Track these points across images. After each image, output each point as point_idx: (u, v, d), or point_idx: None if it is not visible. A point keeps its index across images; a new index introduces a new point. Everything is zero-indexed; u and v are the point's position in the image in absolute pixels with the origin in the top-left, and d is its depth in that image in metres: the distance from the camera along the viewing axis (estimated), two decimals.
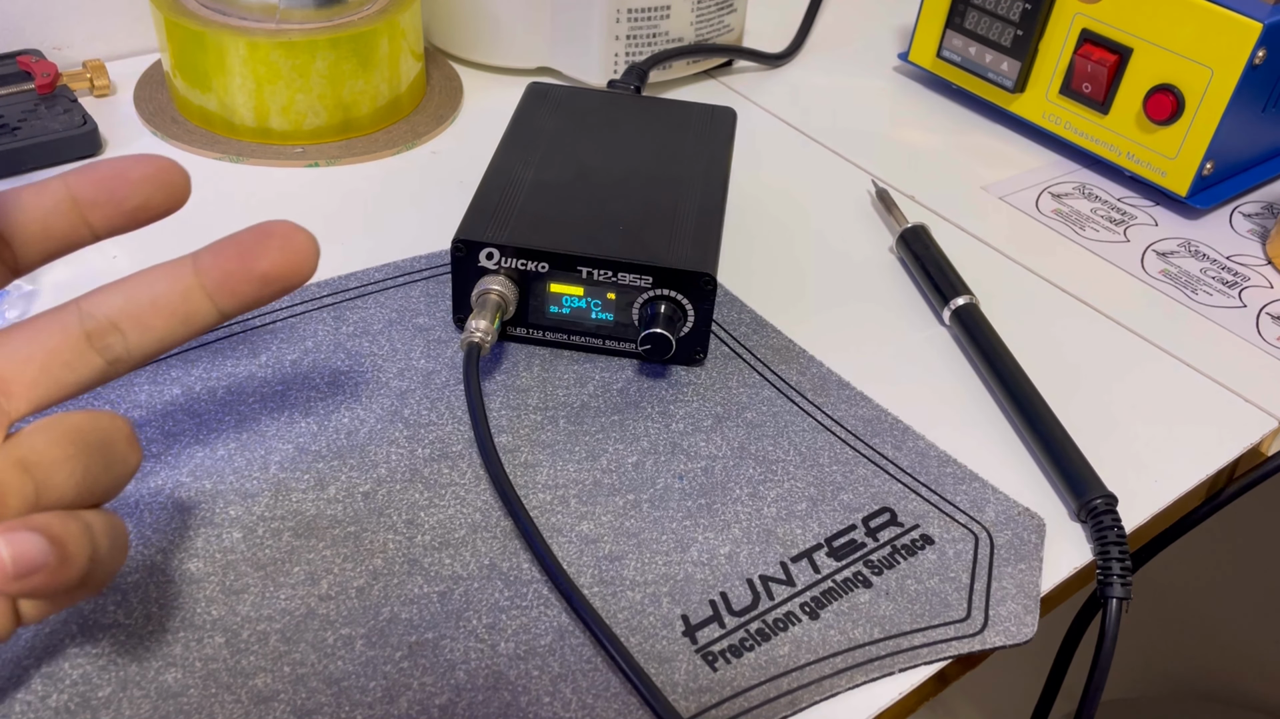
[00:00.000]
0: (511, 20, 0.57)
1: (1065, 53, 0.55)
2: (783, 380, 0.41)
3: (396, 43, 0.52)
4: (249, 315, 0.41)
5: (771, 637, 0.32)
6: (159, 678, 0.29)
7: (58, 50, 0.55)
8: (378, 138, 0.53)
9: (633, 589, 0.33)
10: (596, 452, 0.37)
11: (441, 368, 0.40)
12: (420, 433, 0.37)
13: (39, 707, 0.28)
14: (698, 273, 0.38)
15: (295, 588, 0.32)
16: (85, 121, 0.49)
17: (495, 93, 0.58)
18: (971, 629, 0.32)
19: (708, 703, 0.30)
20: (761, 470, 0.37)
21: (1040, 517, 0.36)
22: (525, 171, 0.42)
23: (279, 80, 0.49)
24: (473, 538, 0.34)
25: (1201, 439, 0.41)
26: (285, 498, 0.34)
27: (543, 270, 0.39)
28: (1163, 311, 0.47)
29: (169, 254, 0.44)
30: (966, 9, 0.57)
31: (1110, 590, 0.34)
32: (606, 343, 0.41)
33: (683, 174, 0.44)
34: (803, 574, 0.34)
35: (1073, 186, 0.56)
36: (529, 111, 0.47)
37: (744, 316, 0.44)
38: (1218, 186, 0.54)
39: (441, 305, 0.42)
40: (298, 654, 0.30)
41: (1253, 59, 0.48)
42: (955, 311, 0.44)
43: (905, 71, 0.65)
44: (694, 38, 0.59)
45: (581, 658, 0.31)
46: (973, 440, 0.39)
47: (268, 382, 0.38)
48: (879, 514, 0.36)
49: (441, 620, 0.31)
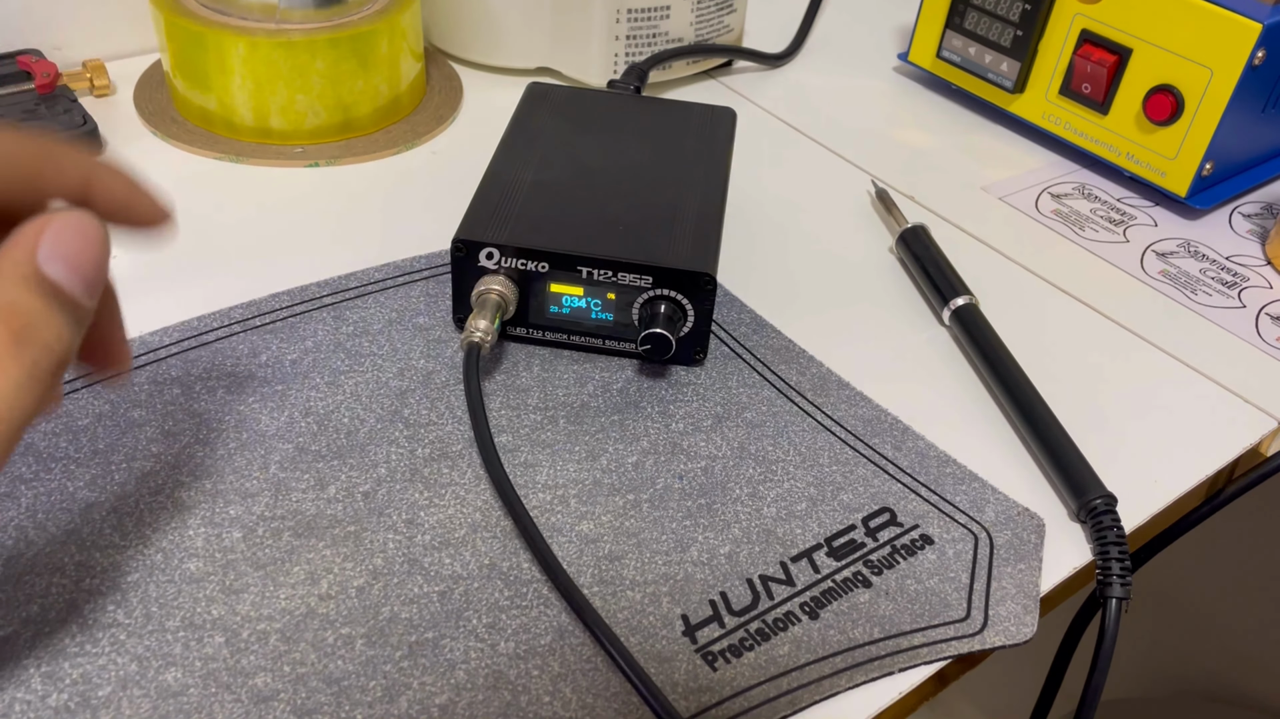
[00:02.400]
0: (511, 20, 0.57)
1: (1065, 53, 0.55)
2: (782, 380, 0.41)
3: (396, 43, 0.52)
4: (249, 315, 0.41)
5: (771, 636, 0.32)
6: (159, 677, 0.29)
7: (58, 50, 0.55)
8: (378, 138, 0.53)
9: (633, 589, 0.33)
10: (596, 451, 0.37)
11: (441, 368, 0.40)
12: (420, 433, 0.37)
13: (39, 706, 0.28)
14: (698, 273, 0.38)
15: (295, 587, 0.32)
16: (85, 121, 0.49)
17: (495, 93, 0.58)
18: (971, 629, 0.32)
19: (707, 703, 0.30)
20: (761, 470, 0.37)
21: (1040, 517, 0.36)
22: (525, 172, 0.42)
23: (279, 80, 0.49)
24: (473, 538, 0.34)
25: (1201, 439, 0.41)
26: (285, 498, 0.34)
27: (543, 270, 0.39)
28: (1162, 312, 0.47)
29: (169, 254, 0.44)
30: (966, 9, 0.57)
31: (1110, 590, 0.34)
32: (606, 343, 0.41)
33: (683, 174, 0.44)
34: (802, 574, 0.34)
35: (1072, 187, 0.56)
36: (529, 112, 0.47)
37: (744, 316, 0.44)
38: (1217, 187, 0.54)
39: (441, 305, 0.42)
40: (298, 654, 0.30)
41: (1252, 59, 0.48)
42: (955, 312, 0.44)
43: (905, 72, 0.65)
44: (694, 38, 0.59)
45: (581, 658, 0.31)
46: (973, 440, 0.39)
47: (267, 381, 0.38)
48: (879, 514, 0.36)
49: (441, 620, 0.31)
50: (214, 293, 0.42)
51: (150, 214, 0.28)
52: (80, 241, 0.24)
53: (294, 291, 0.42)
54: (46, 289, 0.23)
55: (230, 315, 0.41)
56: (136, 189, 0.27)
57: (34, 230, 0.24)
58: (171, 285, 0.42)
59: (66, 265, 0.24)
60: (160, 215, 0.28)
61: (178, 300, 0.41)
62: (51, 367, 0.23)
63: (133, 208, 0.27)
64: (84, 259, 0.24)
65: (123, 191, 0.27)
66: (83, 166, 0.26)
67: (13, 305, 0.23)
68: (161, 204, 0.28)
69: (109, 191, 0.27)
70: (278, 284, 0.43)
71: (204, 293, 0.42)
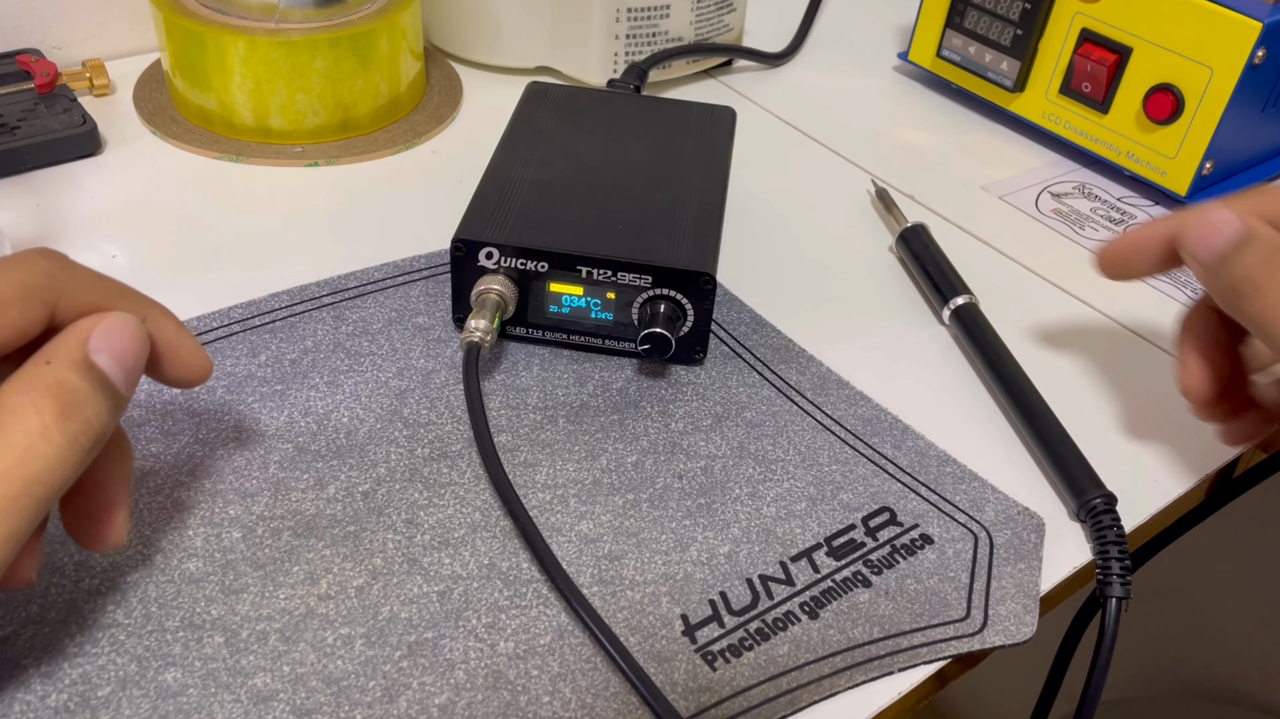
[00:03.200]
0: (511, 20, 0.57)
1: (1065, 52, 0.55)
2: (782, 380, 0.41)
3: (396, 42, 0.52)
4: (248, 315, 0.41)
5: (771, 636, 0.32)
6: (158, 677, 0.29)
7: (57, 50, 0.55)
8: (377, 137, 0.53)
9: (632, 589, 0.32)
10: (596, 451, 0.37)
11: (441, 367, 0.40)
12: (420, 432, 0.37)
13: (38, 706, 0.28)
14: (697, 272, 0.38)
15: (295, 587, 0.32)
16: (85, 121, 0.49)
17: (495, 93, 0.58)
18: (971, 629, 0.32)
19: (707, 703, 0.30)
20: (761, 470, 0.37)
21: (1040, 516, 0.36)
22: (525, 171, 0.42)
23: (279, 80, 0.49)
24: (472, 537, 0.34)
25: (1201, 439, 0.40)
26: (285, 497, 0.34)
27: (542, 270, 0.39)
28: (1163, 311, 0.47)
29: (168, 254, 0.44)
30: (966, 8, 0.57)
31: (1110, 590, 0.34)
32: (606, 342, 0.41)
33: (682, 173, 0.44)
34: (802, 574, 0.34)
35: (1072, 186, 0.56)
36: (528, 111, 0.47)
37: (743, 316, 0.44)
38: (1217, 186, 0.54)
39: (441, 305, 0.42)
40: (297, 654, 0.30)
41: (1252, 59, 0.48)
42: (955, 311, 0.44)
43: (905, 71, 0.65)
44: (693, 37, 0.59)
45: (581, 657, 0.31)
46: (972, 440, 0.39)
47: (267, 381, 0.38)
48: (878, 514, 0.36)
49: (441, 620, 0.31)
50: (213, 293, 0.42)
51: (191, 359, 0.31)
52: (126, 339, 0.28)
53: (293, 291, 0.42)
54: (94, 375, 0.27)
55: (230, 315, 0.41)
56: (184, 333, 0.31)
57: (88, 325, 0.27)
58: (171, 285, 0.42)
59: (112, 357, 0.27)
60: (201, 363, 0.31)
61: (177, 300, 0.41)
62: (89, 443, 0.26)
63: (176, 349, 0.30)
64: (128, 354, 0.28)
65: (171, 331, 0.30)
66: (142, 306, 0.30)
67: (63, 383, 0.26)
68: (204, 355, 0.31)
69: (158, 329, 0.30)
70: (277, 284, 0.43)
71: (203, 292, 0.42)
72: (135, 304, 0.30)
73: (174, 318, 0.31)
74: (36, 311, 0.27)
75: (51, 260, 0.28)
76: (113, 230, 0.45)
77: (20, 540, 0.25)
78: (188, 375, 0.31)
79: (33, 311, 0.27)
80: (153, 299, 0.30)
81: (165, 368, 0.30)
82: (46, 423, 0.25)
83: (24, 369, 0.26)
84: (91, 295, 0.29)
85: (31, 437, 0.25)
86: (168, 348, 0.30)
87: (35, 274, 0.28)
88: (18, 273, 0.27)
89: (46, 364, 0.26)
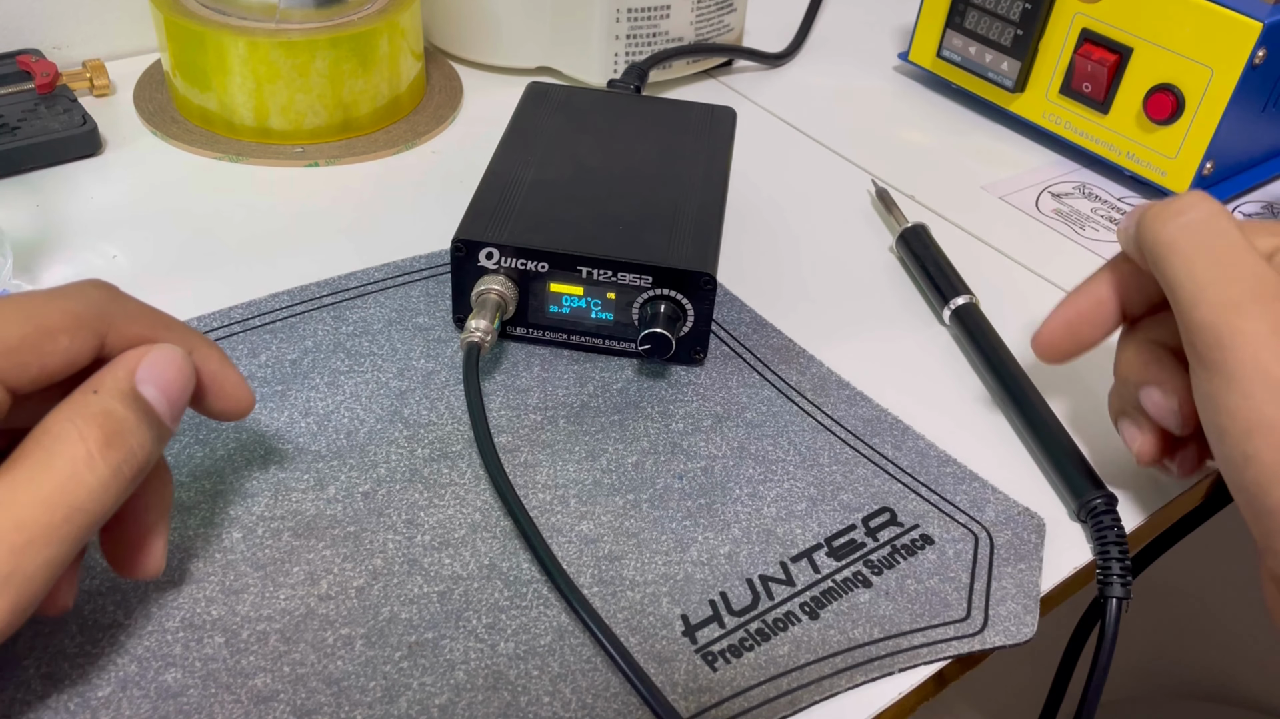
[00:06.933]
0: (511, 20, 0.57)
1: (1065, 52, 0.55)
2: (782, 380, 0.41)
3: (396, 42, 0.52)
4: (248, 315, 0.41)
5: (771, 636, 0.32)
6: (159, 678, 0.29)
7: (57, 50, 0.55)
8: (378, 137, 0.53)
9: (632, 589, 0.32)
10: (596, 451, 0.37)
11: (441, 368, 0.40)
12: (420, 433, 0.37)
13: (38, 706, 0.28)
14: (697, 272, 0.38)
15: (295, 588, 0.32)
16: (85, 121, 0.49)
17: (495, 93, 0.58)
18: (971, 629, 0.32)
19: (707, 703, 0.30)
20: (761, 470, 0.37)
21: (1040, 516, 0.36)
22: (525, 171, 0.42)
23: (279, 80, 0.49)
24: (472, 538, 0.34)
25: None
26: (285, 498, 0.34)
27: (542, 270, 0.39)
28: None
29: (169, 254, 0.44)
30: (966, 9, 0.57)
31: (1110, 590, 0.34)
32: (606, 343, 0.41)
33: (682, 174, 0.44)
34: (802, 574, 0.34)
35: (1073, 186, 0.56)
36: (529, 111, 0.47)
37: (744, 316, 0.44)
38: (1217, 186, 0.54)
39: (441, 305, 0.42)
40: (297, 654, 0.30)
41: (1252, 59, 0.48)
42: (955, 311, 0.44)
43: (905, 71, 0.65)
44: (694, 37, 0.59)
45: (581, 658, 0.31)
46: (973, 440, 0.39)
47: (267, 381, 0.38)
48: (879, 514, 0.36)
49: (441, 620, 0.31)
50: (213, 293, 0.42)
51: (235, 392, 0.31)
52: (172, 371, 0.28)
53: (293, 291, 0.42)
54: (140, 406, 0.27)
55: (230, 315, 0.41)
56: (229, 366, 0.31)
57: (135, 356, 0.28)
58: (171, 285, 0.42)
59: (157, 388, 0.28)
60: (244, 396, 0.31)
61: (177, 300, 0.41)
62: (132, 473, 0.26)
63: (221, 382, 0.31)
64: (173, 387, 0.28)
65: (216, 364, 0.31)
66: (189, 339, 0.30)
67: (109, 413, 0.26)
68: (247, 389, 0.31)
69: (204, 362, 0.30)
70: (277, 284, 0.43)
71: (203, 293, 0.42)
72: (182, 337, 0.30)
73: (219, 351, 0.31)
74: (87, 341, 0.27)
75: (103, 291, 0.28)
76: (113, 231, 0.45)
77: (61, 567, 0.25)
78: (231, 408, 0.31)
79: (83, 341, 0.27)
80: (199, 333, 0.31)
81: (209, 400, 0.31)
82: (91, 451, 0.25)
83: (71, 397, 0.26)
84: (140, 327, 0.29)
85: (76, 464, 0.25)
86: (212, 381, 0.30)
87: (87, 304, 0.28)
88: (69, 303, 0.27)
89: (94, 393, 0.26)
